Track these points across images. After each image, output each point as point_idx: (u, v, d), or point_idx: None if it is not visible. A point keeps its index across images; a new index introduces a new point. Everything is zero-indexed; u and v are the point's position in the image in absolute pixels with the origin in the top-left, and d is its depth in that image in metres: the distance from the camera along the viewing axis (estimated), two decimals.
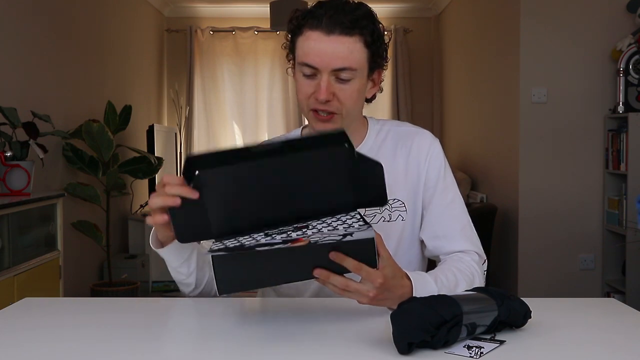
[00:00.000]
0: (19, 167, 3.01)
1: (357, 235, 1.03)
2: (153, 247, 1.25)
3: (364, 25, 1.29)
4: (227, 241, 1.07)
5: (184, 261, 1.28)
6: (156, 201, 1.08)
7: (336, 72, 1.29)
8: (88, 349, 1.03)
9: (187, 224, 1.10)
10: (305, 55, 1.30)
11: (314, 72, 1.30)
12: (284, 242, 1.03)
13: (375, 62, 1.34)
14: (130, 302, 1.36)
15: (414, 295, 1.15)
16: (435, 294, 1.18)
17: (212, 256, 1.02)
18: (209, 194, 1.07)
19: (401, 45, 6.40)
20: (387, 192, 1.28)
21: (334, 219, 1.12)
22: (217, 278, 1.04)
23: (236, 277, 1.05)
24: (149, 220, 1.12)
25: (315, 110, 1.32)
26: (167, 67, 6.52)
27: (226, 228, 1.10)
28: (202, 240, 1.13)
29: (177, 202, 1.05)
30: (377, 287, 1.08)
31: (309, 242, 1.02)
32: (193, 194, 1.05)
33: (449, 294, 1.19)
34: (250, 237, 1.08)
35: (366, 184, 1.14)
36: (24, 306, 1.31)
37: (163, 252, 1.25)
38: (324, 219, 1.13)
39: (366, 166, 1.14)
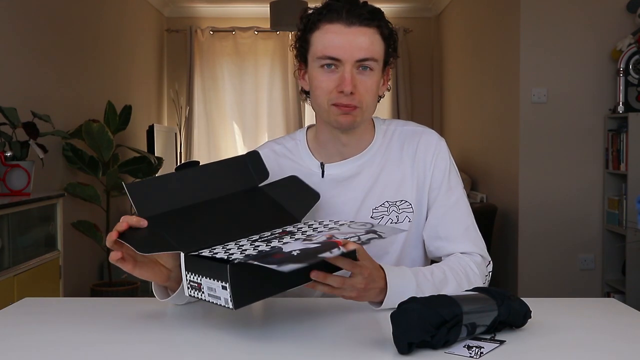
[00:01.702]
0: (19, 167, 3.01)
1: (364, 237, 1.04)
2: (159, 299, 1.25)
3: (380, 17, 1.32)
4: (231, 249, 1.04)
5: (188, 300, 1.28)
6: (107, 240, 1.14)
7: (358, 63, 1.29)
8: (88, 349, 1.03)
9: (140, 239, 1.10)
10: (326, 49, 1.29)
11: (335, 66, 1.29)
12: (319, 244, 0.99)
13: (390, 56, 1.35)
14: (130, 302, 1.36)
15: (388, 285, 1.16)
16: (414, 287, 1.20)
17: (229, 266, 0.98)
18: (157, 224, 1.12)
19: (401, 45, 6.39)
20: (395, 193, 1.37)
21: (307, 225, 1.15)
22: (233, 290, 0.98)
23: (250, 287, 1.00)
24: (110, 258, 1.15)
25: (337, 105, 1.31)
26: (167, 67, 6.52)
27: (187, 243, 1.09)
28: (163, 251, 1.10)
29: (115, 236, 1.10)
30: (365, 277, 1.12)
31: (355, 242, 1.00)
32: (140, 223, 1.12)
33: (434, 291, 1.21)
34: (238, 245, 1.06)
35: (289, 198, 1.24)
36: (24, 306, 1.31)
37: (169, 301, 1.25)
38: (297, 226, 1.16)
39: (279, 187, 1.27)
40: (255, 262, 0.94)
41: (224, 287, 0.99)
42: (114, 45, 4.99)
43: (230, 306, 0.99)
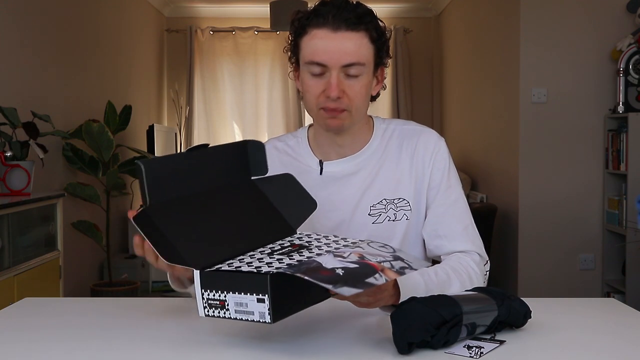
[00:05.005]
0: (19, 167, 3.01)
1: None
2: (176, 289, 1.22)
3: (368, 20, 1.31)
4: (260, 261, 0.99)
5: None
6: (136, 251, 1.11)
7: (345, 68, 1.29)
8: (88, 349, 1.03)
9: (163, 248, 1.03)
10: (313, 54, 1.30)
11: (322, 70, 1.30)
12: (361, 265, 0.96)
13: (380, 58, 1.35)
14: (130, 302, 1.36)
15: (400, 287, 1.14)
16: (422, 288, 1.19)
17: (269, 277, 0.92)
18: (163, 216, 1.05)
19: (401, 45, 6.39)
20: (393, 191, 1.35)
21: (317, 240, 1.12)
22: (273, 302, 0.92)
23: (286, 300, 0.95)
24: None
25: (324, 109, 1.32)
26: (167, 67, 6.52)
27: (198, 257, 1.02)
28: (179, 264, 1.02)
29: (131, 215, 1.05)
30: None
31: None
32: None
33: (440, 291, 1.20)
34: (258, 259, 1.01)
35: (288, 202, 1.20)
36: (24, 306, 1.31)
37: (187, 291, 1.22)
38: (304, 239, 1.12)
39: (273, 184, 1.21)
40: (306, 277, 0.89)
41: (260, 300, 0.92)
42: (114, 45, 4.99)
43: (268, 320, 0.93)
